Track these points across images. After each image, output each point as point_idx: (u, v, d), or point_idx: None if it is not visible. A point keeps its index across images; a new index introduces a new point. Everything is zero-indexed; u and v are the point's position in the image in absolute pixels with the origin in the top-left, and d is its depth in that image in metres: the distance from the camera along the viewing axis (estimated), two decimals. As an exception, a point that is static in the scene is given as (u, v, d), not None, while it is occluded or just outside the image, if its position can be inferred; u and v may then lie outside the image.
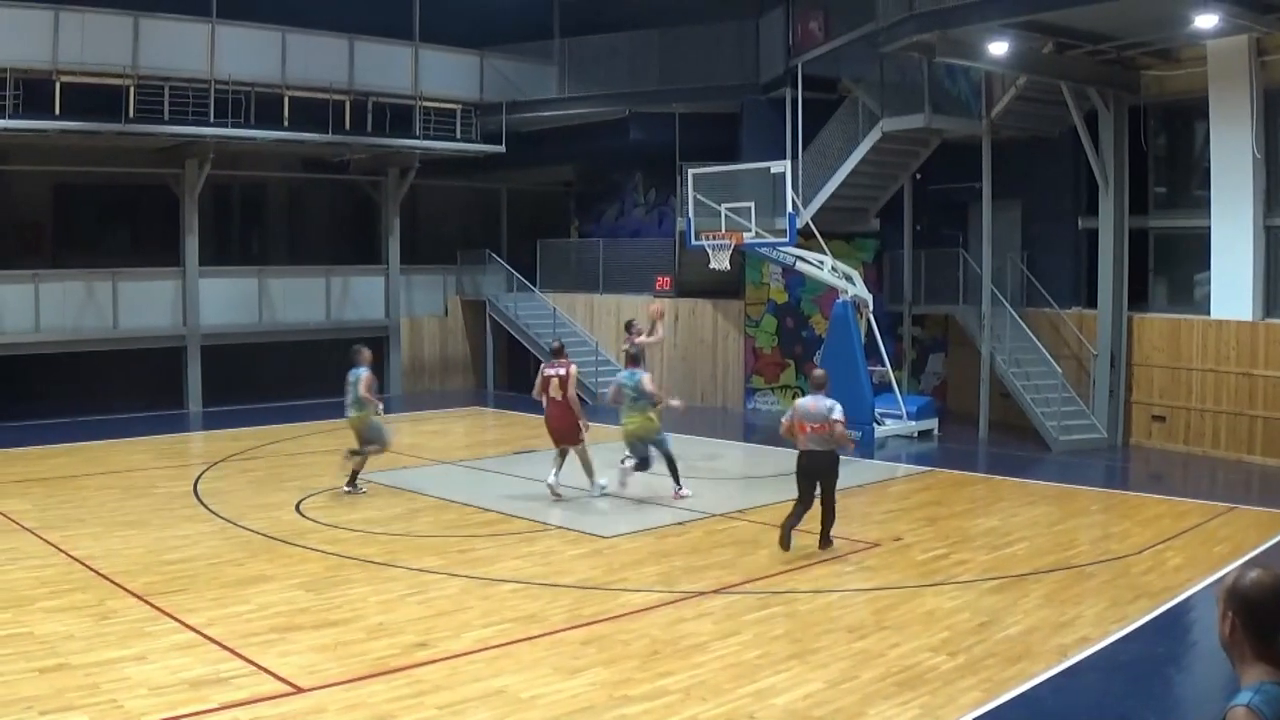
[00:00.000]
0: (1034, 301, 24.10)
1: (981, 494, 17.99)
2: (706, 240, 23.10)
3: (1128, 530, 15.06)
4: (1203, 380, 21.08)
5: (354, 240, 33.85)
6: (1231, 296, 20.58)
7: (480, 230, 35.13)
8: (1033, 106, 22.87)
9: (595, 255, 31.54)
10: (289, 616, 10.92)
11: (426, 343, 32.29)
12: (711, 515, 15.72)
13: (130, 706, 8.51)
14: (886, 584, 12.39)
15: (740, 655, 9.95)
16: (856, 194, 25.78)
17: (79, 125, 23.83)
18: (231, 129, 25.41)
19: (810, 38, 25.30)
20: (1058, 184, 24.33)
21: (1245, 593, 3.98)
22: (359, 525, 15.03)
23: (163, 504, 16.31)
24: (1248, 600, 3.97)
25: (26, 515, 15.07)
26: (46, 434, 22.34)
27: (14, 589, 11.68)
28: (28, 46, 23.05)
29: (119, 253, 28.46)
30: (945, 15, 19.20)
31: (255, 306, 28.57)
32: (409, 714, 8.55)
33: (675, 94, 28.67)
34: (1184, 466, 20.48)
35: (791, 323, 27.26)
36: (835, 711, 8.70)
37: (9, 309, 24.67)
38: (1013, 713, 8.74)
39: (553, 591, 12.00)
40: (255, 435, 23.01)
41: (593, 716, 8.59)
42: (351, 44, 27.77)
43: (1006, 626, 10.75)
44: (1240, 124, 20.15)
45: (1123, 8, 18.11)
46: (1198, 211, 21.36)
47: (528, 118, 30.43)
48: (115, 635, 10.21)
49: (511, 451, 21.52)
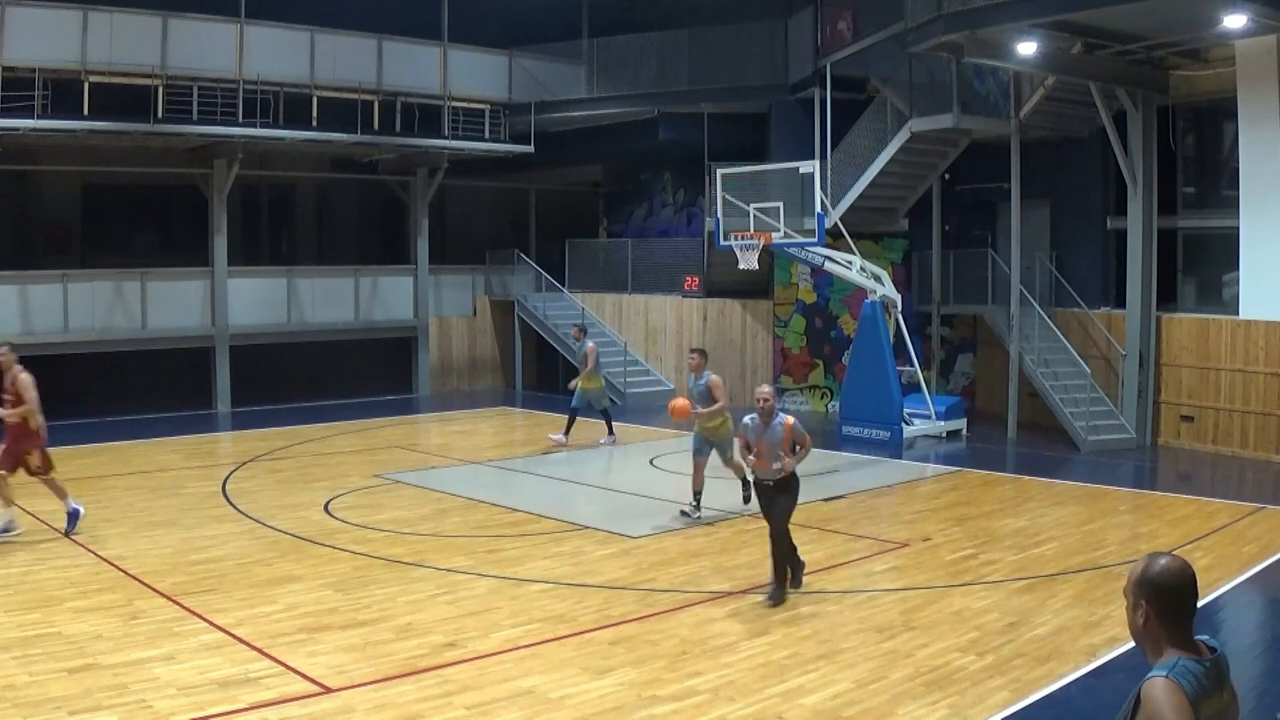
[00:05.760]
0: (1062, 301, 24.00)
1: (1010, 494, 17.91)
2: (735, 240, 23.10)
3: (1156, 530, 15.01)
4: (1231, 380, 20.97)
5: (382, 240, 33.95)
6: (1260, 296, 20.46)
7: (509, 230, 35.21)
8: (1061, 106, 22.81)
9: (624, 255, 31.56)
10: (317, 616, 10.95)
11: (455, 343, 32.33)
12: (740, 515, 15.70)
13: (159, 706, 8.54)
14: (915, 584, 12.36)
15: (769, 655, 9.94)
16: (885, 194, 25.74)
17: (108, 125, 23.92)
18: (260, 129, 25.48)
19: (839, 38, 25.27)
20: (1086, 184, 24.23)
21: (1156, 580, 3.98)
22: (387, 525, 15.06)
23: (191, 504, 16.38)
24: (1160, 588, 3.96)
25: (55, 516, 15.14)
26: (75, 434, 22.38)
27: (43, 589, 11.74)
28: (56, 47, 23.17)
29: (148, 253, 28.66)
30: (974, 15, 19.14)
31: (284, 306, 28.65)
32: (437, 714, 8.56)
33: (704, 94, 28.64)
34: (1212, 467, 20.37)
35: (820, 323, 27.22)
36: (864, 712, 8.68)
37: (38, 309, 24.80)
38: (1041, 713, 8.71)
39: (581, 591, 12.01)
40: (283, 435, 23.10)
41: (621, 716, 8.58)
42: (380, 44, 27.83)
43: (1035, 627, 10.71)
44: (1269, 124, 20.04)
45: (1151, 8, 18.03)
46: (1226, 211, 21.24)
47: (556, 118, 30.44)
48: (144, 635, 10.25)
49: (540, 451, 21.55)
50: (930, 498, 17.68)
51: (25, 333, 24.27)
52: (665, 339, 29.80)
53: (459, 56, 29.21)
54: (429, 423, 26.83)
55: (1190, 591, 4.00)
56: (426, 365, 31.17)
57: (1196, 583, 4.04)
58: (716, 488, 16.47)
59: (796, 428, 11.88)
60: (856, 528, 15.27)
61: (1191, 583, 4.02)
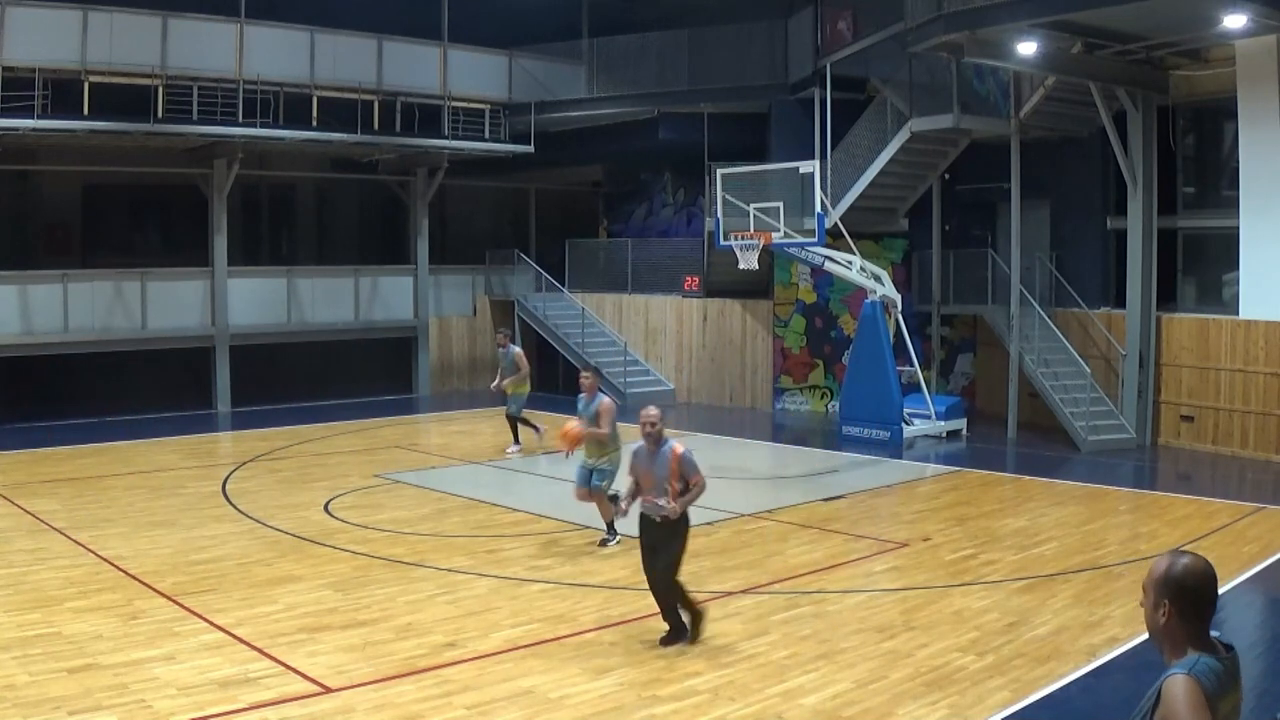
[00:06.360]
0: (1062, 301, 23.99)
1: (1010, 494, 17.91)
2: (735, 240, 23.12)
3: (1156, 530, 15.00)
4: (1231, 380, 20.96)
5: (382, 240, 33.92)
6: (1260, 296, 20.45)
7: (509, 230, 35.21)
8: (1061, 106, 22.79)
9: (624, 255, 31.54)
10: (317, 616, 10.95)
11: (455, 343, 32.31)
12: (739, 515, 15.70)
13: (159, 706, 8.55)
14: (915, 584, 12.36)
15: (768, 655, 9.94)
16: (885, 194, 25.73)
17: (108, 125, 23.90)
18: (260, 129, 25.46)
19: (839, 38, 25.27)
20: (1086, 184, 24.22)
21: (1180, 580, 3.99)
22: (387, 525, 15.07)
23: (191, 504, 16.38)
24: (1184, 587, 3.97)
25: (55, 515, 15.15)
26: (75, 434, 22.44)
27: (43, 589, 11.74)
28: (56, 47, 23.15)
29: (148, 253, 28.64)
30: (974, 15, 19.13)
31: (284, 306, 28.63)
32: (437, 714, 8.56)
33: (704, 94, 28.64)
34: (1212, 466, 20.36)
35: (820, 323, 27.21)
36: (864, 712, 8.68)
37: (38, 309, 24.77)
38: (1041, 713, 8.71)
39: (581, 591, 12.01)
40: (283, 435, 23.09)
41: (621, 716, 8.59)
42: (380, 44, 27.81)
43: (1035, 627, 10.70)
44: (1269, 124, 20.03)
45: (1151, 7, 18.03)
46: (1226, 211, 21.22)
47: (556, 118, 30.43)
48: (144, 635, 10.26)
49: (540, 452, 21.54)
50: (930, 498, 17.68)
51: (25, 333, 24.33)
52: (665, 339, 29.79)
53: (459, 56, 29.20)
54: (429, 423, 26.83)
55: (1212, 591, 4.02)
56: (426, 365, 31.16)
57: (1217, 581, 4.04)
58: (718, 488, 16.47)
59: (686, 460, 10.24)
60: (856, 528, 15.27)
61: (1213, 582, 4.03)
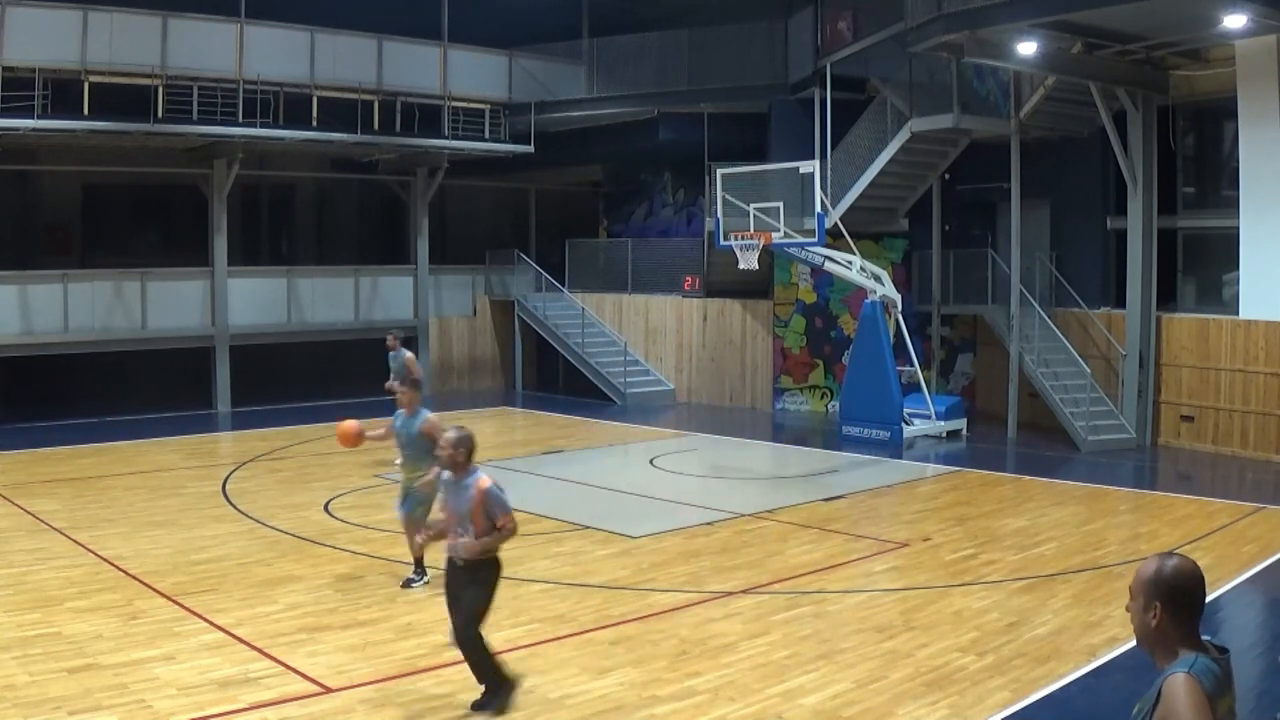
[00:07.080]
0: (1063, 301, 23.98)
1: (1010, 494, 17.90)
2: (735, 240, 23.13)
3: (1156, 530, 15.01)
4: (1231, 380, 20.96)
5: (382, 240, 33.94)
6: (1260, 296, 20.45)
7: (509, 230, 35.20)
8: (1061, 106, 22.78)
9: (624, 255, 31.53)
10: (317, 616, 10.95)
11: (455, 343, 32.30)
12: (740, 515, 15.69)
13: (159, 706, 8.54)
14: (915, 584, 12.36)
15: (769, 655, 9.94)
16: (885, 194, 25.71)
17: (108, 125, 23.90)
18: (260, 129, 25.45)
19: (839, 38, 25.26)
20: (1086, 184, 24.21)
21: (1170, 581, 3.98)
22: (387, 525, 15.02)
23: (191, 504, 16.37)
24: (1175, 588, 3.97)
25: (55, 515, 15.14)
26: (75, 434, 22.43)
27: (43, 589, 11.74)
28: (56, 47, 23.13)
29: (148, 253, 28.60)
30: (974, 15, 19.13)
31: (284, 306, 28.62)
32: (437, 714, 8.57)
33: (704, 94, 28.64)
34: (1213, 466, 20.35)
35: (820, 323, 27.20)
36: (864, 711, 8.68)
37: (38, 309, 24.75)
38: (1041, 713, 8.71)
39: (581, 591, 12.01)
40: (284, 435, 23.07)
41: (621, 716, 8.59)
42: (380, 44, 27.80)
43: (1035, 627, 10.70)
44: (1269, 124, 20.03)
45: (1152, 7, 18.02)
46: (1227, 211, 21.22)
47: (556, 118, 30.43)
48: (144, 635, 10.26)
49: (540, 451, 21.52)
50: (930, 498, 17.68)
51: (25, 333, 24.32)
52: (665, 339, 29.78)
53: (459, 56, 29.19)
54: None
55: (1202, 592, 4.03)
56: (427, 365, 31.08)
57: (1205, 582, 4.05)
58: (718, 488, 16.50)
59: (492, 496, 8.74)
60: (856, 528, 15.26)
61: (1202, 583, 4.04)
